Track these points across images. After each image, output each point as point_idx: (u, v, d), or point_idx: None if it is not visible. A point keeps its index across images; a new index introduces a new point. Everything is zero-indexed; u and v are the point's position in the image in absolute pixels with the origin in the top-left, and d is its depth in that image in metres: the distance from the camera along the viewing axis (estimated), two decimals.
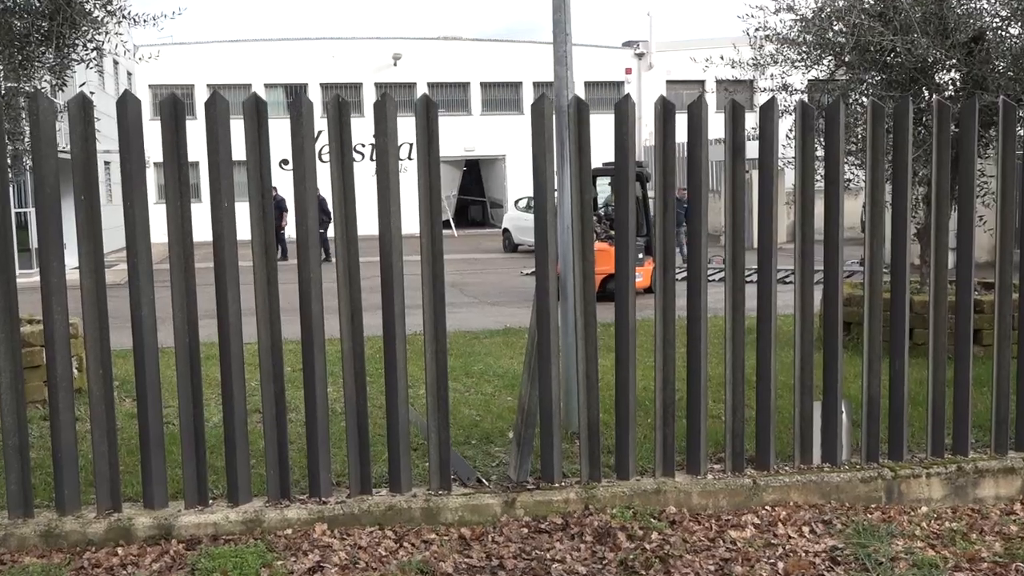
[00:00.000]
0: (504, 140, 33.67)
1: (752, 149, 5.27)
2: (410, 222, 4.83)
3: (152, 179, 28.04)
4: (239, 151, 4.26)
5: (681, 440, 5.12)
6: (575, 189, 4.73)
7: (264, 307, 4.51)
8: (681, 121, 4.77)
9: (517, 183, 33.52)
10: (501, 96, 35.41)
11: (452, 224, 32.50)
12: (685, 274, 4.94)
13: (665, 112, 4.74)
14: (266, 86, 33.09)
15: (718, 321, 9.18)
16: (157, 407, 4.50)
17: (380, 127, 4.50)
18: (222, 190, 4.40)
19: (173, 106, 4.35)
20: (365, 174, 9.75)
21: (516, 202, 27.09)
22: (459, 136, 33.98)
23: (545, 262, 4.69)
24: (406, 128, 4.56)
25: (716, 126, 7.64)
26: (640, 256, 14.67)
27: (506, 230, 25.77)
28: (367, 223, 4.58)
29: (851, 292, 8.63)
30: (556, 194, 5.01)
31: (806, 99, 9.38)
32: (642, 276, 13.90)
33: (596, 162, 16.76)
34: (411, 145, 4.64)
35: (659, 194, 4.80)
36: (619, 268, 4.82)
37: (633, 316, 4.83)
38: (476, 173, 38.27)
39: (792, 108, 8.35)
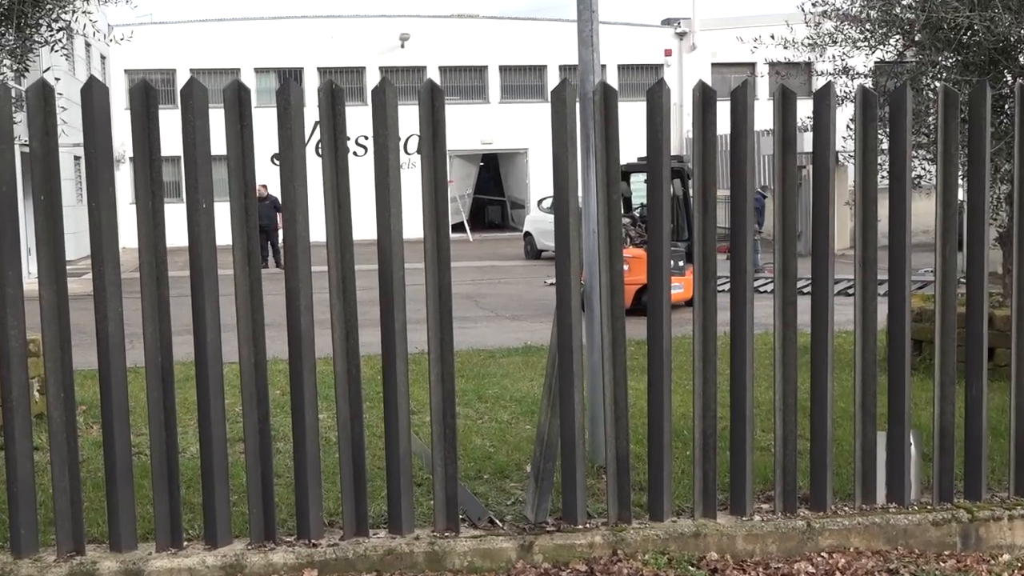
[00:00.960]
0: (526, 131, 33.68)
1: (808, 142, 5.23)
2: (414, 225, 4.83)
3: (129, 177, 28.28)
4: (222, 144, 4.28)
5: (724, 476, 5.09)
6: (601, 187, 4.73)
7: (247, 321, 4.52)
8: (725, 109, 4.75)
9: (541, 180, 33.51)
10: (523, 82, 35.47)
11: (467, 227, 32.55)
12: (728, 285, 4.92)
13: (705, 99, 4.72)
14: (257, 71, 33.31)
15: (767, 339, 9.11)
16: (125, 435, 4.51)
17: (379, 117, 4.51)
18: (200, 188, 4.42)
19: (144, 93, 4.37)
20: (368, 171, 9.78)
21: (539, 202, 27.12)
22: (475, 127, 34.06)
23: (567, 271, 4.68)
24: (414, 118, 4.57)
25: (766, 115, 7.59)
26: (680, 264, 14.63)
27: (528, 234, 25.81)
28: (365, 226, 4.57)
29: (921, 306, 8.56)
30: (580, 194, 5.00)
31: (869, 84, 9.33)
32: (683, 287, 13.86)
33: (631, 156, 16.75)
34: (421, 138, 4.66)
35: (698, 193, 4.78)
36: (652, 277, 4.81)
37: (668, 332, 4.81)
38: (494, 169, 38.31)
39: (853, 94, 8.30)
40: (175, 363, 4.56)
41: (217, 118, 4.25)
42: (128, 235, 10.20)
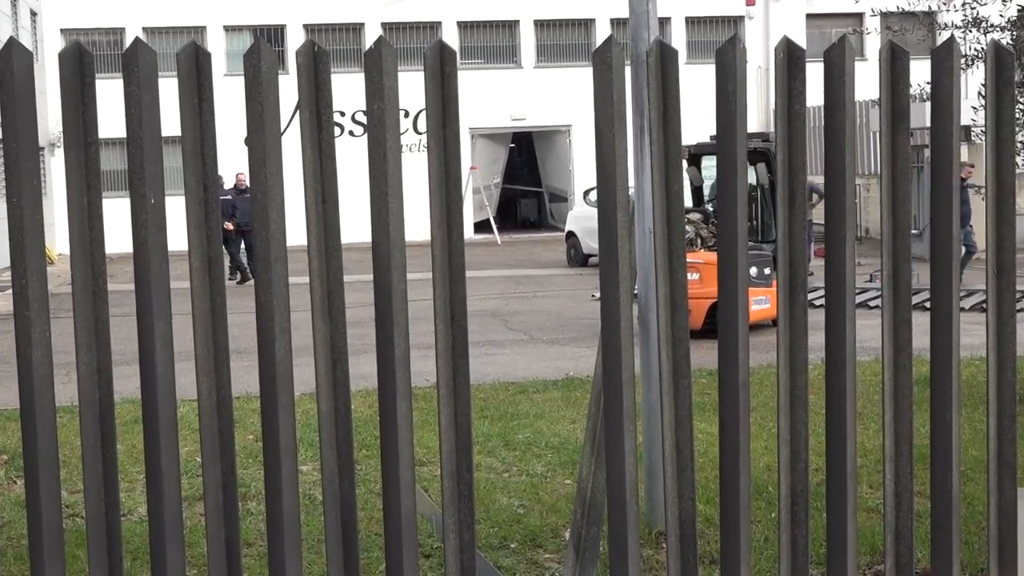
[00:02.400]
0: (568, 104, 33.77)
1: (927, 114, 5.20)
2: (422, 224, 4.84)
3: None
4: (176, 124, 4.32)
5: (819, 544, 5.05)
6: (659, 174, 4.72)
7: (208, 348, 4.54)
8: (817, 73, 4.74)
9: (588, 166, 33.55)
10: (564, 40, 35.54)
11: (494, 225, 32.67)
12: (823, 298, 4.90)
13: (790, 61, 4.71)
14: (227, 29, 33.63)
15: (873, 367, 9.06)
16: (55, 493, 4.54)
17: (373, 86, 4.53)
18: (147, 179, 4.46)
19: (77, 58, 4.42)
20: (362, 154, 9.86)
21: (586, 193, 27.17)
22: (503, 99, 34.19)
23: (615, 282, 4.67)
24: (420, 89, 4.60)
25: (873, 80, 7.57)
26: (766, 272, 14.62)
27: (571, 234, 25.90)
28: (358, 226, 4.58)
29: None
30: (632, 183, 5.00)
31: (1007, 40, 9.26)
32: (769, 301, 13.83)
33: (703, 134, 16.68)
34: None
35: (783, 181, 4.76)
36: (725, 288, 4.79)
37: (745, 360, 4.78)
38: (529, 152, 38.43)
39: (985, 52, 8.18)
40: (118, 401, 4.59)
41: (172, 89, 4.29)
42: (65, 239, 10.29)
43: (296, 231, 4.27)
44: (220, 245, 4.56)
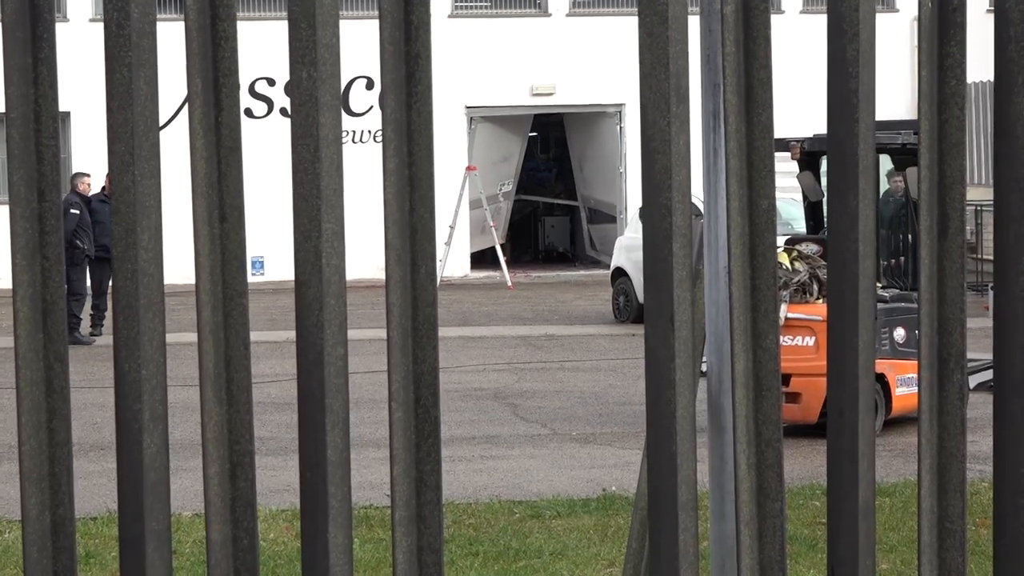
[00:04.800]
0: (618, 73, 33.87)
1: None
2: (370, 254, 4.86)
3: None
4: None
5: None
6: (738, 184, 4.72)
7: (38, 442, 4.54)
8: (983, 36, 4.75)
9: None
10: None
11: (502, 257, 32.69)
12: (991, 377, 4.89)
13: (941, 16, 4.72)
14: None
15: None
16: None
17: (301, 45, 4.55)
18: None
19: None
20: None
21: (642, 211, 27.26)
22: (522, 63, 34.30)
23: (669, 350, 4.67)
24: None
25: None
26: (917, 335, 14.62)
27: (620, 272, 25.90)
28: (279, 256, 4.59)
29: None
30: (700, 198, 5.01)
31: None
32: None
33: (818, 123, 16.91)
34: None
35: (929, 197, 4.77)
36: (836, 361, 4.78)
37: (869, 473, 4.78)
38: (559, 145, 38.53)
39: None
40: None
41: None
42: None
43: (179, 263, 4.27)
44: (61, 283, 4.57)
